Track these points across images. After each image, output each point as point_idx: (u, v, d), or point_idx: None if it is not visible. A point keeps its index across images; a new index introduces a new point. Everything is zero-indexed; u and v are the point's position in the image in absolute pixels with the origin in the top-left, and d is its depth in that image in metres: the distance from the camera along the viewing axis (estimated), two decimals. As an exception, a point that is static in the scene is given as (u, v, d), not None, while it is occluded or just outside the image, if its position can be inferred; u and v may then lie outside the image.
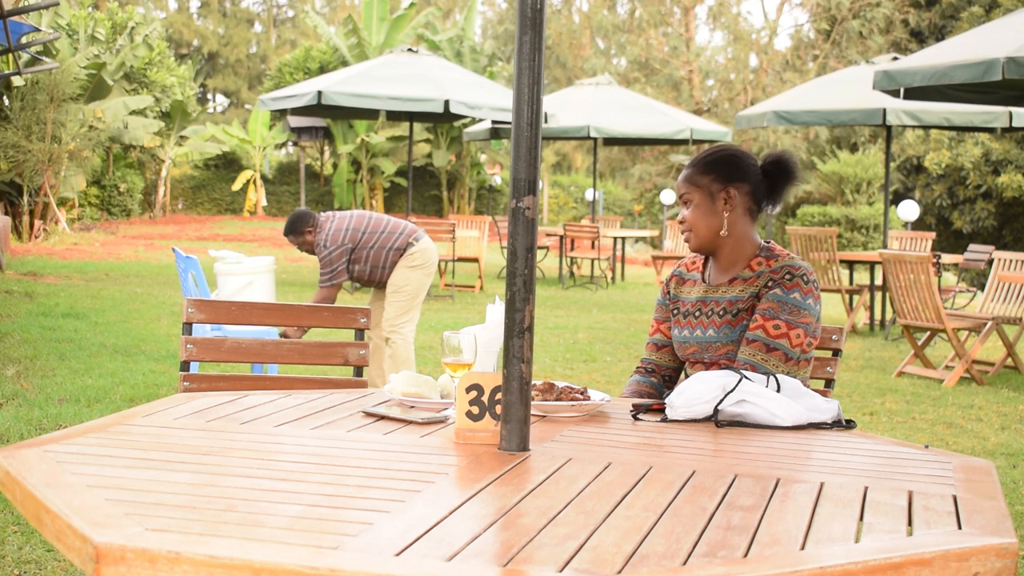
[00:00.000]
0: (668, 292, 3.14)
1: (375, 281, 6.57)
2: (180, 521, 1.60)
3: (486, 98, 13.37)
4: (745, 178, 2.99)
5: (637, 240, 23.79)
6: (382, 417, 2.44)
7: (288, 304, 3.59)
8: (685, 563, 1.51)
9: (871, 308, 11.74)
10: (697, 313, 3.00)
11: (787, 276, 2.89)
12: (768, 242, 3.02)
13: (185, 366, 3.27)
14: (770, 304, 2.87)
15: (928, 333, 8.88)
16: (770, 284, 2.90)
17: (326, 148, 29.06)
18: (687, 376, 3.05)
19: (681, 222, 3.03)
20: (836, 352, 3.16)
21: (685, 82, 26.37)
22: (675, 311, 3.08)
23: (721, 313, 2.94)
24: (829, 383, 3.15)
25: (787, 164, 3.02)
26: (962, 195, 20.45)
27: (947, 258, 11.73)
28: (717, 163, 3.00)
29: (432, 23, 28.60)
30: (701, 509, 1.79)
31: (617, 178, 30.37)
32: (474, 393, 2.19)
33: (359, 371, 3.39)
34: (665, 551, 1.56)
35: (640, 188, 28.93)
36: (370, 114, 16.80)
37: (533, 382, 2.57)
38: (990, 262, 10.58)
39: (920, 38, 24.61)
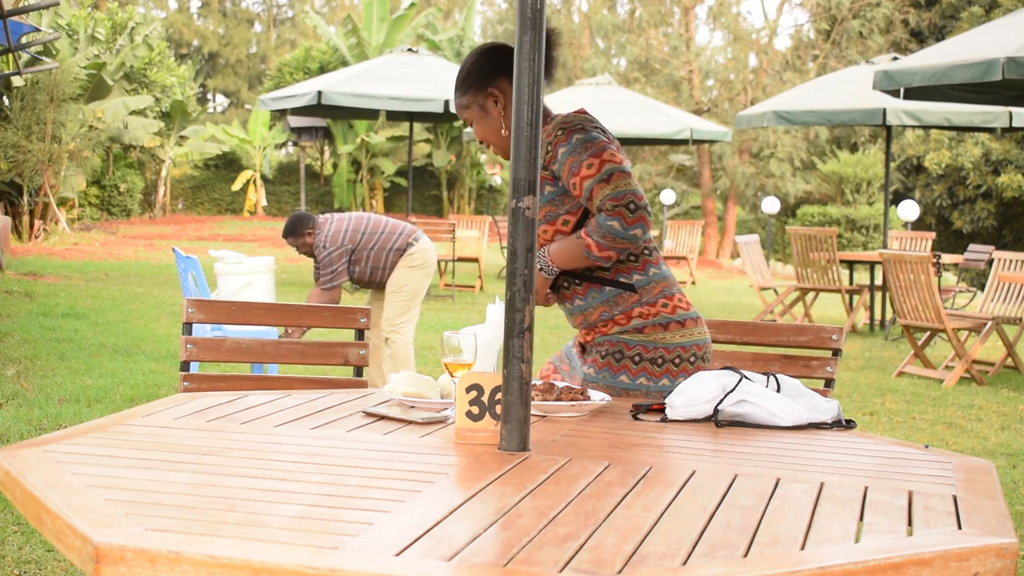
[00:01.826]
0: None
1: (375, 282, 6.57)
2: (180, 521, 1.60)
3: (486, 98, 13.34)
4: (497, 72, 2.90)
5: (637, 240, 23.74)
6: (382, 417, 2.44)
7: (288, 304, 3.59)
8: (685, 563, 1.51)
9: (871, 308, 11.74)
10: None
11: (559, 132, 2.84)
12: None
13: (185, 366, 3.27)
14: (568, 161, 2.81)
15: (928, 333, 8.88)
16: (550, 149, 2.83)
17: (326, 148, 29.05)
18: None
19: (481, 141, 2.97)
20: (836, 352, 3.16)
21: (685, 82, 26.34)
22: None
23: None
24: (829, 383, 3.15)
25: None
26: (962, 195, 20.43)
27: (947, 258, 11.73)
28: (466, 78, 2.92)
29: (432, 23, 28.58)
30: (701, 509, 1.78)
31: (617, 178, 30.29)
32: (474, 393, 2.19)
33: (359, 371, 3.39)
34: (665, 551, 1.56)
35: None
36: (370, 114, 16.80)
37: (533, 382, 2.57)
38: (990, 262, 10.59)
39: (920, 38, 24.59)
